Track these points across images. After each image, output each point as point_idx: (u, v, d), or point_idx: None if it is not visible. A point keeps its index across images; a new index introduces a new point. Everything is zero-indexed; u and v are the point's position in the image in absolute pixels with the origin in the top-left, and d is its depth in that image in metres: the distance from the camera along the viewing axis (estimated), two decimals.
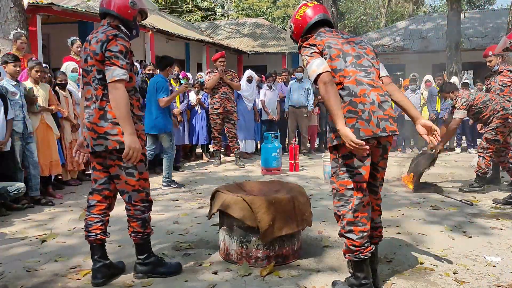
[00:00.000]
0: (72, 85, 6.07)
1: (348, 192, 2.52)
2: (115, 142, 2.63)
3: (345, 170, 2.51)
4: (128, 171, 2.70)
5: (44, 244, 3.57)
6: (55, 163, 5.25)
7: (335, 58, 2.52)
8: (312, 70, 2.44)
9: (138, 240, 2.82)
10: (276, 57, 17.53)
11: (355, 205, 2.51)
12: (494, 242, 3.54)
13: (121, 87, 2.56)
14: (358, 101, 2.44)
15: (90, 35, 2.77)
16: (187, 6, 24.07)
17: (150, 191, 2.86)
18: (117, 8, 2.73)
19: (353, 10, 31.77)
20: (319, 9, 2.73)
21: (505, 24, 9.62)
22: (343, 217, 2.54)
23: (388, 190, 5.55)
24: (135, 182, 2.72)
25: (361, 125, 2.42)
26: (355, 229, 2.51)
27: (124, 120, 2.57)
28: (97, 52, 2.62)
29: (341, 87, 2.47)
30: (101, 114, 2.65)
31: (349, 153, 2.44)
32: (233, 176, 6.47)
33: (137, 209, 2.77)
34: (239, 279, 2.84)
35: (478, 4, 34.49)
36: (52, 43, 10.81)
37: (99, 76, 2.65)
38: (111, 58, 2.57)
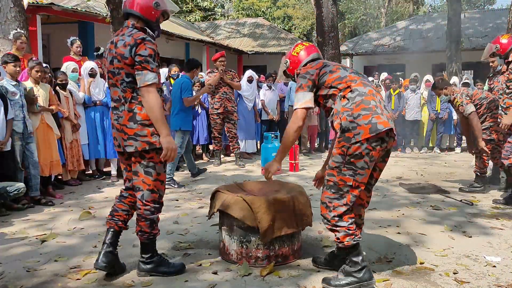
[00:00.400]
0: (72, 85, 6.07)
1: (346, 188, 2.63)
2: (145, 143, 2.70)
3: (349, 167, 2.59)
4: (146, 170, 2.75)
5: (44, 244, 3.57)
6: (55, 163, 5.25)
7: (336, 70, 2.75)
8: (297, 99, 2.78)
9: (144, 239, 2.85)
10: (276, 57, 17.50)
11: (350, 201, 2.63)
12: (494, 242, 3.54)
13: (153, 91, 2.64)
14: (369, 99, 2.61)
15: (115, 37, 2.79)
16: (187, 6, 24.07)
17: (163, 194, 2.88)
18: (140, 9, 2.75)
19: (353, 10, 31.75)
20: (314, 49, 3.00)
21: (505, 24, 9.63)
22: (334, 209, 2.64)
23: (388, 190, 5.55)
24: (151, 181, 2.76)
25: (378, 119, 2.56)
26: (345, 218, 2.64)
27: (159, 122, 2.66)
28: (126, 56, 2.66)
29: (350, 90, 2.65)
30: (130, 116, 2.70)
31: (359, 153, 2.55)
32: (233, 176, 6.47)
33: (147, 209, 2.79)
34: (239, 279, 2.84)
35: (478, 4, 34.51)
36: (52, 43, 10.81)
37: (128, 79, 2.69)
38: (142, 63, 2.62)
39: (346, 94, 2.64)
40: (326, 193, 2.69)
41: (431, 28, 18.84)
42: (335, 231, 2.67)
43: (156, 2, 2.77)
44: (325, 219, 2.69)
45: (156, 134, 2.71)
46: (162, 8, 2.81)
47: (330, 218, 2.65)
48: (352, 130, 2.56)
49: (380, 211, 4.52)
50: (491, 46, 4.95)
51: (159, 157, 2.73)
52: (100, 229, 3.95)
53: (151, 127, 2.70)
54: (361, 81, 2.70)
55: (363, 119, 2.55)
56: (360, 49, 18.55)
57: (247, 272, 2.91)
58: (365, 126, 2.54)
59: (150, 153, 2.73)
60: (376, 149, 2.58)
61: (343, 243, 2.63)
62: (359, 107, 2.58)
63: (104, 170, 6.69)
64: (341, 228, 2.63)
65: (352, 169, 2.58)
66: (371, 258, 3.19)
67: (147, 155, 2.73)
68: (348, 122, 2.57)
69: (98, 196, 5.35)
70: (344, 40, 25.68)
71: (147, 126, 2.69)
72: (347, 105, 2.62)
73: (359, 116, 2.56)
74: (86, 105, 6.22)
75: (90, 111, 6.25)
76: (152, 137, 2.70)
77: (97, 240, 3.62)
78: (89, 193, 5.50)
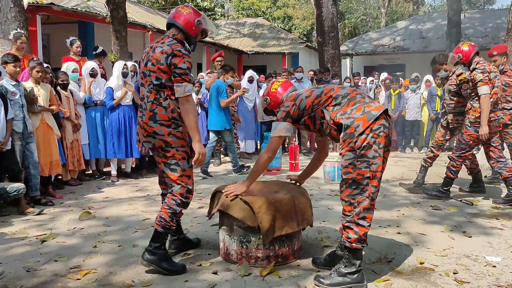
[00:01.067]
0: (73, 85, 6.08)
1: (365, 181, 2.67)
2: (161, 141, 2.90)
3: (362, 160, 2.66)
4: (171, 168, 2.93)
5: (44, 244, 3.57)
6: (55, 163, 5.25)
7: (310, 93, 2.93)
8: (272, 129, 3.00)
9: (160, 227, 2.94)
10: (276, 57, 17.54)
11: (372, 192, 2.68)
12: (494, 242, 3.54)
13: (191, 100, 2.90)
14: (354, 95, 2.81)
15: (155, 43, 2.99)
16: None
17: (192, 188, 3.01)
18: (184, 23, 2.96)
19: (353, 10, 31.75)
20: (289, 84, 3.23)
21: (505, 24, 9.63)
22: (358, 204, 2.68)
23: (388, 190, 5.55)
24: (177, 177, 2.93)
25: (369, 107, 2.71)
26: (368, 216, 2.70)
27: (194, 129, 2.89)
28: (161, 62, 2.85)
29: (332, 98, 2.81)
30: (151, 116, 2.90)
31: (367, 144, 2.63)
32: (233, 176, 6.47)
33: (174, 199, 2.95)
34: (239, 279, 2.84)
35: (478, 4, 34.51)
36: (52, 43, 10.82)
37: (156, 82, 2.89)
38: (182, 75, 2.84)
39: (331, 103, 2.81)
40: (346, 191, 2.73)
41: (431, 28, 18.84)
42: (350, 229, 2.71)
43: (198, 20, 3.00)
44: (347, 216, 2.73)
45: (173, 134, 2.89)
46: (203, 26, 3.03)
47: (355, 214, 2.69)
48: (351, 124, 2.68)
49: (380, 211, 4.52)
50: (454, 56, 4.90)
51: (179, 154, 2.92)
52: (100, 229, 3.95)
53: (169, 127, 2.89)
54: (337, 87, 2.89)
55: (357, 111, 2.70)
56: (360, 49, 18.55)
57: (247, 272, 2.91)
58: (361, 117, 2.67)
59: (170, 151, 2.91)
60: (381, 135, 2.66)
61: (352, 244, 2.69)
62: (349, 105, 2.75)
63: (104, 170, 6.70)
64: (359, 228, 2.68)
65: (365, 161, 2.65)
66: (371, 258, 3.19)
67: (168, 154, 2.91)
68: (344, 119, 2.70)
69: (98, 196, 5.35)
70: (344, 40, 25.67)
71: (165, 127, 2.89)
72: (336, 108, 2.78)
73: (352, 111, 2.71)
74: (87, 105, 6.22)
75: (91, 111, 6.26)
76: (168, 137, 2.89)
77: (97, 240, 3.63)
78: (89, 193, 5.50)
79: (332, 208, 4.65)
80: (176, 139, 2.90)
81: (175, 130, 2.90)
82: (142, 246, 3.46)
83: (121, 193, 5.44)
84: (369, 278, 2.83)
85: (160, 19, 15.88)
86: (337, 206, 4.75)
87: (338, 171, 6.03)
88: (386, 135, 2.70)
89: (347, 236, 2.71)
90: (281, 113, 2.97)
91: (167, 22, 3.06)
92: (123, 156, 6.23)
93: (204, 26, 3.05)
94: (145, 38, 12.62)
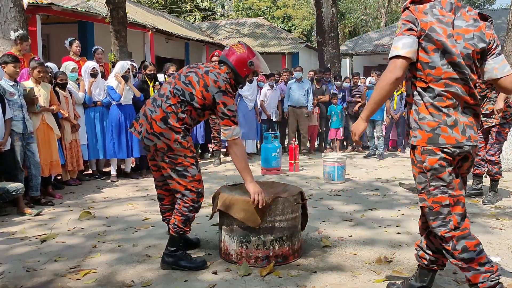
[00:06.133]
0: (72, 85, 6.06)
1: (445, 210, 2.24)
2: (165, 144, 2.87)
3: (436, 185, 2.24)
4: (180, 173, 2.91)
5: (44, 244, 3.57)
6: (55, 163, 5.25)
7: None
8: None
9: (175, 232, 2.98)
10: (276, 57, 17.53)
11: (457, 223, 2.23)
12: (494, 242, 3.54)
13: (240, 143, 2.96)
14: None
15: (211, 66, 3.02)
16: (186, 7, 24.07)
17: (202, 190, 3.00)
18: (235, 62, 3.00)
19: (353, 10, 31.73)
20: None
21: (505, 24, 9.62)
22: (446, 238, 2.25)
23: (388, 190, 5.56)
24: (186, 183, 2.92)
25: None
26: (469, 244, 2.22)
27: (245, 170, 2.94)
28: (209, 90, 2.89)
29: None
30: (163, 117, 2.87)
31: (439, 165, 2.21)
32: (233, 176, 6.47)
33: (185, 207, 2.95)
34: (239, 279, 2.84)
35: (478, 4, 34.52)
36: (51, 43, 10.82)
37: (188, 98, 2.89)
38: (231, 117, 2.90)
39: None
40: (430, 223, 2.30)
41: None
42: (464, 269, 2.27)
43: (251, 61, 3.02)
44: (447, 252, 2.30)
45: (179, 142, 2.87)
46: (254, 68, 3.05)
47: (451, 250, 2.25)
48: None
49: (380, 210, 4.53)
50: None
51: (188, 161, 2.90)
52: (100, 229, 3.95)
53: (177, 134, 2.87)
54: None
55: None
56: (360, 49, 18.55)
57: (247, 272, 2.91)
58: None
59: (178, 159, 2.89)
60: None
61: (477, 286, 2.23)
62: None
63: (104, 170, 6.70)
64: (466, 263, 2.23)
65: (440, 186, 2.23)
66: (371, 258, 3.19)
67: (176, 161, 2.89)
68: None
69: (98, 196, 5.35)
70: (344, 40, 25.69)
71: (175, 133, 2.87)
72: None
73: None
74: (86, 105, 6.22)
75: (90, 111, 6.25)
76: (174, 143, 2.87)
77: (97, 240, 3.63)
78: (89, 193, 5.50)
79: (332, 208, 4.65)
80: (181, 147, 2.88)
81: (182, 139, 2.88)
82: (142, 246, 3.47)
83: (121, 193, 5.44)
84: (369, 278, 2.83)
85: (159, 19, 15.89)
86: (337, 205, 4.75)
87: (338, 171, 6.04)
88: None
89: (467, 278, 2.28)
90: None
91: (220, 59, 3.08)
92: (124, 156, 6.22)
93: (256, 68, 3.06)
94: (145, 38, 12.63)
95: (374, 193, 5.38)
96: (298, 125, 8.65)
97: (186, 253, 3.07)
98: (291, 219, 3.07)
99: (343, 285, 2.74)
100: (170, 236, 3.02)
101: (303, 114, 8.55)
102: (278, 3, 29.92)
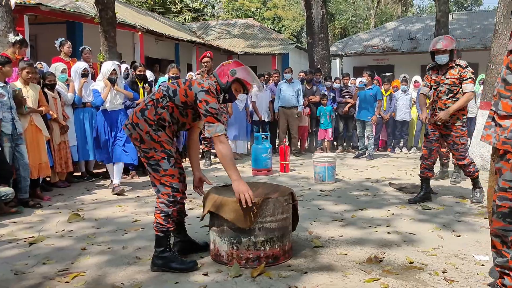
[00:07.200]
0: (61, 86, 6.00)
1: None
2: (138, 135, 2.96)
3: None
4: (153, 168, 2.98)
5: (33, 247, 3.52)
6: (44, 165, 5.19)
7: None
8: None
9: (158, 231, 2.98)
10: (266, 58, 17.56)
11: None
12: (483, 240, 3.57)
13: (224, 140, 2.92)
14: None
15: (202, 79, 3.12)
16: (175, 7, 23.99)
17: (179, 187, 3.00)
18: (219, 72, 3.06)
19: (342, 11, 31.90)
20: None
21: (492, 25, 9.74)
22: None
23: (378, 190, 5.59)
24: (160, 177, 2.97)
25: None
26: None
27: (230, 168, 2.92)
28: (192, 89, 2.93)
29: None
30: (143, 108, 2.99)
31: None
32: (224, 177, 6.45)
33: (161, 202, 2.97)
34: (229, 280, 2.83)
35: (466, 5, 34.90)
36: (39, 43, 10.70)
37: (171, 93, 2.96)
38: (213, 115, 2.87)
39: None
40: (499, 223, 2.22)
41: (420, 29, 18.99)
42: (506, 275, 2.26)
43: (233, 70, 3.01)
44: (499, 256, 2.25)
45: (150, 135, 2.92)
46: (237, 75, 3.01)
47: (509, 258, 2.17)
48: None
49: (370, 210, 4.55)
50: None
51: (158, 155, 2.95)
52: (89, 231, 3.92)
53: (149, 126, 2.93)
54: None
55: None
56: (350, 50, 18.64)
57: (238, 273, 2.90)
58: None
59: (149, 152, 2.96)
60: None
61: None
62: None
63: (94, 172, 6.64)
64: None
65: None
66: (361, 257, 3.20)
67: (148, 155, 2.97)
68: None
69: (87, 198, 5.30)
70: (334, 41, 25.79)
71: (148, 125, 2.93)
72: None
73: None
74: (75, 105, 6.15)
75: (79, 112, 6.19)
76: (145, 135, 2.94)
77: (86, 243, 3.59)
78: (78, 195, 5.45)
79: (322, 208, 4.66)
80: (151, 140, 2.93)
81: (154, 132, 2.93)
82: (132, 248, 3.45)
83: (110, 195, 5.40)
84: (359, 278, 2.84)
85: (149, 19, 15.82)
86: (328, 206, 4.77)
87: (328, 171, 6.06)
88: None
89: (503, 283, 2.27)
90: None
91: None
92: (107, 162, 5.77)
93: (240, 76, 3.02)
94: (135, 38, 12.56)
95: (364, 193, 5.41)
96: (288, 125, 8.67)
97: (176, 255, 3.06)
98: (281, 220, 3.07)
99: (334, 285, 2.75)
100: (156, 237, 3.01)
101: (293, 114, 8.57)
102: (268, 4, 29.98)
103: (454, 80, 4.70)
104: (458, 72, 4.69)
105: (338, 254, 3.27)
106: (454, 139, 4.78)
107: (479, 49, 15.83)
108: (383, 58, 18.22)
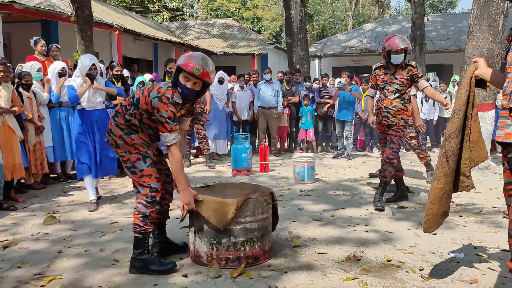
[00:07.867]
0: (36, 86, 5.85)
1: None
2: (113, 140, 3.01)
3: None
4: (131, 170, 3.00)
5: (7, 250, 3.44)
6: (17, 166, 5.05)
7: None
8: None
9: (136, 233, 2.96)
10: (245, 58, 17.55)
11: None
12: (458, 238, 3.65)
13: (175, 149, 2.89)
14: None
15: (162, 86, 2.91)
16: (153, 6, 23.76)
17: (157, 187, 2.99)
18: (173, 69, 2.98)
19: (321, 12, 32.17)
20: None
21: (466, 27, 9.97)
22: None
23: (356, 189, 5.65)
24: (138, 178, 2.98)
25: None
26: None
27: (179, 175, 2.93)
28: (150, 95, 2.85)
29: None
30: (114, 115, 3.05)
31: None
32: (203, 178, 6.43)
33: (139, 203, 2.97)
34: (209, 281, 2.82)
35: (441, 8, 35.64)
36: (13, 42, 10.44)
37: (133, 101, 2.97)
38: (163, 124, 2.84)
39: None
40: None
41: (397, 30, 19.29)
42: None
43: (181, 57, 2.94)
44: None
45: (123, 139, 2.97)
46: (177, 63, 2.88)
47: None
48: None
49: (349, 210, 4.59)
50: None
51: (133, 157, 2.97)
52: (66, 234, 3.84)
53: (121, 131, 2.98)
54: None
55: None
56: (328, 50, 18.82)
57: (218, 274, 2.89)
58: None
59: (125, 156, 2.99)
60: None
61: None
62: None
63: (70, 174, 6.51)
64: None
65: None
66: (340, 256, 3.23)
67: (124, 158, 3.00)
68: None
69: (64, 199, 5.20)
70: (312, 41, 25.99)
71: (120, 129, 2.98)
72: None
73: None
74: (51, 105, 6.00)
75: (55, 111, 6.05)
76: (119, 139, 2.98)
77: (62, 245, 3.52)
78: (54, 196, 5.34)
79: (302, 208, 4.69)
80: (124, 144, 2.97)
81: (126, 136, 2.96)
82: (109, 250, 3.40)
83: (87, 197, 5.30)
84: (338, 277, 2.87)
85: (127, 18, 15.62)
86: (307, 205, 4.80)
87: (308, 171, 6.09)
88: None
89: None
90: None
91: None
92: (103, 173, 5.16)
93: (180, 62, 2.85)
94: (112, 37, 12.39)
95: (343, 193, 5.46)
96: (268, 126, 8.68)
97: (155, 256, 3.03)
98: (261, 220, 3.08)
99: (313, 284, 2.77)
100: (134, 238, 2.99)
101: (273, 115, 8.59)
102: (247, 4, 29.99)
103: (403, 80, 4.69)
104: (409, 72, 4.68)
105: (317, 254, 3.30)
106: (392, 137, 4.74)
107: (454, 51, 16.20)
108: (361, 59, 18.46)
